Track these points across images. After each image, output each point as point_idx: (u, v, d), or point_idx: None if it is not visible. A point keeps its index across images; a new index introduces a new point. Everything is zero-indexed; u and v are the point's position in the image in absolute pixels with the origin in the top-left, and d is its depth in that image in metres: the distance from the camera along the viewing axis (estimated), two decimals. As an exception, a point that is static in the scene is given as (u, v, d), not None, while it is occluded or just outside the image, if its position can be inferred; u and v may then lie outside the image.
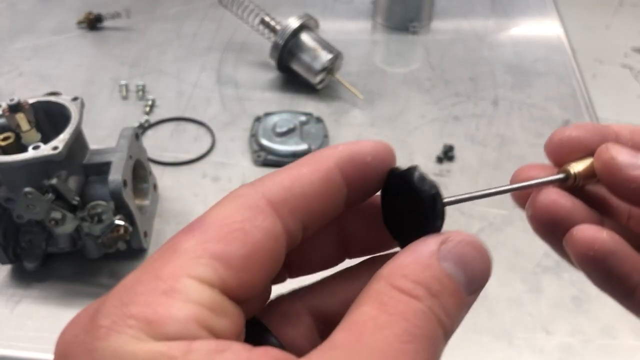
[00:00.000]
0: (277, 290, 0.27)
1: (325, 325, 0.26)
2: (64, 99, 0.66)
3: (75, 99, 0.66)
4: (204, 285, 0.19)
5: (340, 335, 0.19)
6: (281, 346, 0.24)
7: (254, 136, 0.88)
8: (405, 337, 0.19)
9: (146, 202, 0.74)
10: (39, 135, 0.64)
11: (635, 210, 0.29)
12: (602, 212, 0.29)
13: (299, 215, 0.22)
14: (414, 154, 0.86)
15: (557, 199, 0.27)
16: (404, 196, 0.24)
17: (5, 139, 0.63)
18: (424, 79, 1.02)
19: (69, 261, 0.70)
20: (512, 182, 0.28)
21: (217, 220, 0.21)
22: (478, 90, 0.99)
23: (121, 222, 0.64)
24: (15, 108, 0.62)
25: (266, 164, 0.84)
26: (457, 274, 0.21)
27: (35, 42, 1.12)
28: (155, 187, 0.78)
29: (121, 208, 0.64)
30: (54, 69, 1.04)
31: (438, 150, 0.86)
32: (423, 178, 0.23)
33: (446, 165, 0.84)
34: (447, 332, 0.20)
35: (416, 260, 0.21)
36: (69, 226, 0.62)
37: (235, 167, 0.84)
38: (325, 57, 0.93)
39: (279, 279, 0.26)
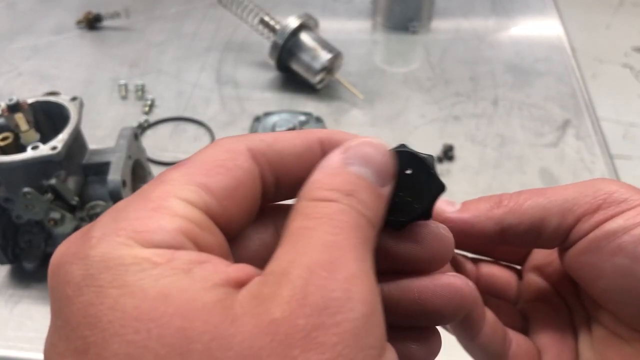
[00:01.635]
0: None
1: None
2: (63, 99, 0.66)
3: (74, 98, 0.66)
4: (190, 205, 0.21)
5: (279, 249, 0.20)
6: None
7: (253, 136, 0.87)
8: (334, 231, 0.20)
9: (145, 202, 0.74)
10: (37, 135, 0.64)
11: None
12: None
13: (275, 169, 0.24)
14: (414, 153, 0.86)
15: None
16: (403, 172, 0.26)
17: (4, 139, 0.63)
18: (424, 79, 1.02)
19: (68, 261, 0.70)
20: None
21: (201, 158, 0.23)
22: (478, 90, 0.99)
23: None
24: (14, 108, 0.62)
25: (266, 164, 0.84)
26: (364, 171, 0.23)
27: (34, 42, 1.11)
28: (154, 187, 0.78)
29: (120, 208, 0.64)
30: (53, 68, 1.04)
31: (438, 150, 0.86)
32: (415, 152, 0.26)
33: (446, 165, 0.84)
34: (371, 222, 0.22)
35: (325, 173, 0.23)
36: (68, 226, 0.62)
37: (235, 167, 0.84)
38: (325, 56, 0.93)
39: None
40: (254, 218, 0.25)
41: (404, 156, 0.25)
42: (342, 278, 0.19)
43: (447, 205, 0.31)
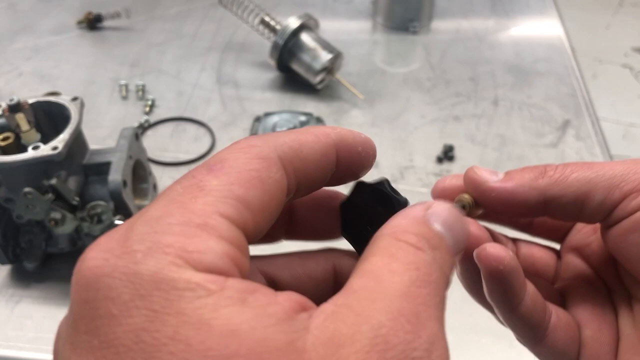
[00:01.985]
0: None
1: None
2: (63, 99, 0.66)
3: (75, 99, 0.66)
4: (233, 224, 0.20)
5: (358, 281, 0.20)
6: None
7: (254, 136, 0.87)
8: (419, 283, 0.20)
9: (146, 203, 0.74)
10: (38, 135, 0.64)
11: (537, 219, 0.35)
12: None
13: (299, 176, 0.24)
14: (414, 153, 0.86)
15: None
16: (373, 206, 0.27)
17: (4, 139, 0.63)
18: (424, 79, 1.02)
19: (69, 261, 0.70)
20: (433, 192, 0.33)
21: (236, 165, 0.21)
22: (478, 90, 0.99)
23: (121, 222, 0.63)
24: (15, 108, 0.62)
25: (266, 164, 0.84)
26: (446, 233, 0.23)
27: (35, 42, 1.12)
28: (155, 187, 0.78)
29: (121, 208, 0.64)
30: (53, 68, 1.04)
31: (438, 150, 0.86)
32: (394, 189, 0.27)
33: (446, 165, 0.84)
34: (448, 282, 0.22)
35: (410, 219, 0.23)
36: (68, 226, 0.62)
37: (235, 167, 0.84)
38: (325, 57, 0.93)
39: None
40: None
41: (361, 188, 0.27)
42: (426, 337, 0.18)
43: (489, 174, 0.31)
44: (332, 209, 0.28)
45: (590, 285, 0.33)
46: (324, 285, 0.28)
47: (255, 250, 0.24)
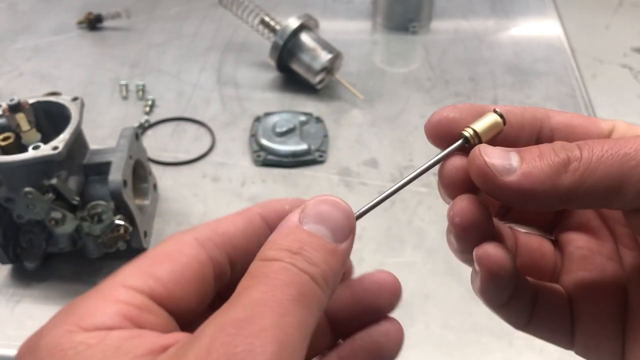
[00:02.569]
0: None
1: None
2: (64, 99, 0.66)
3: (75, 99, 0.66)
4: (134, 291, 0.24)
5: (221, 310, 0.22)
6: None
7: (253, 136, 0.88)
8: (264, 289, 0.22)
9: (146, 202, 0.74)
10: (39, 135, 0.64)
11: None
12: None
13: (224, 249, 0.27)
14: (414, 154, 0.86)
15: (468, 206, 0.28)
16: None
17: (5, 139, 0.63)
18: (424, 79, 1.02)
19: (69, 261, 0.70)
20: (429, 121, 0.30)
21: (150, 253, 0.26)
22: (478, 90, 0.99)
23: (121, 222, 0.64)
24: (15, 108, 0.62)
25: (266, 164, 0.84)
26: (319, 229, 0.24)
27: (35, 42, 1.12)
28: (155, 187, 0.78)
29: (121, 208, 0.64)
30: (54, 69, 1.04)
31: (438, 150, 0.86)
32: None
33: (446, 165, 0.84)
34: (316, 278, 0.23)
35: (279, 233, 0.24)
36: (69, 226, 0.63)
37: (235, 167, 0.84)
38: (325, 57, 0.93)
39: None
40: (209, 300, 0.27)
41: None
42: (248, 333, 0.20)
43: (502, 161, 0.26)
44: None
45: (595, 266, 0.31)
46: None
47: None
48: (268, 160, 0.84)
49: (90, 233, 0.64)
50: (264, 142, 0.85)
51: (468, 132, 0.29)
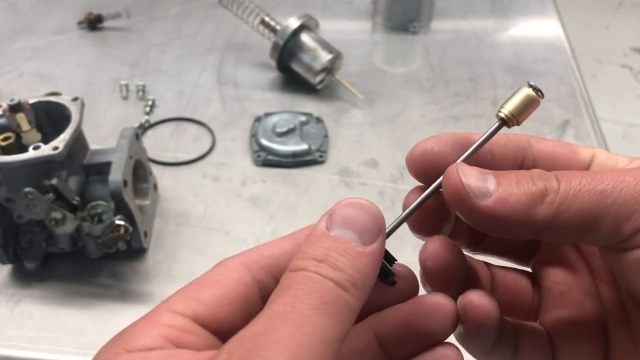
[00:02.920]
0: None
1: None
2: (64, 99, 0.66)
3: (75, 99, 0.66)
4: (177, 315, 0.25)
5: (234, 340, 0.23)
6: None
7: (254, 136, 0.88)
8: (285, 300, 0.22)
9: (146, 202, 0.74)
10: (39, 135, 0.64)
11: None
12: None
13: (269, 270, 0.27)
14: (414, 154, 0.86)
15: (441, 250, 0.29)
16: None
17: (5, 139, 0.63)
18: (423, 79, 1.02)
19: (69, 261, 0.70)
20: (411, 154, 0.29)
21: (198, 279, 0.27)
22: (478, 91, 0.99)
23: (121, 222, 0.64)
24: (15, 108, 0.62)
25: (266, 164, 0.84)
26: (346, 233, 0.24)
27: (35, 42, 1.12)
28: (155, 187, 0.78)
29: (121, 208, 0.64)
30: (54, 69, 1.04)
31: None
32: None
33: (446, 165, 0.84)
34: (343, 283, 0.23)
35: (307, 242, 0.24)
36: (69, 226, 0.63)
37: (235, 167, 0.84)
38: (325, 57, 0.93)
39: None
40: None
41: None
42: (262, 346, 0.20)
43: (479, 184, 0.26)
44: None
45: (573, 303, 0.31)
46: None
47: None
48: (268, 160, 0.84)
49: (90, 233, 0.64)
50: (264, 142, 0.86)
51: (503, 113, 0.28)
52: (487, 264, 0.33)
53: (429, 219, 0.30)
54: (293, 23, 0.94)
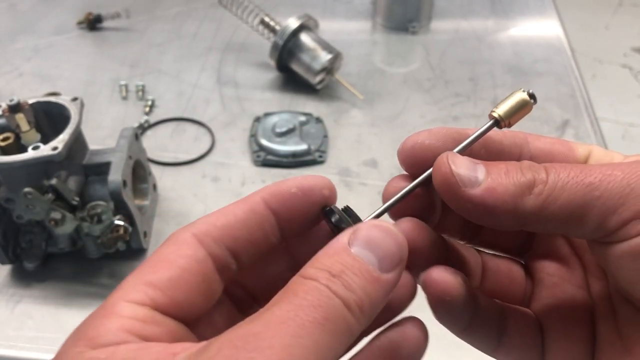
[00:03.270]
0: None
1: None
2: (63, 99, 0.66)
3: (75, 99, 0.66)
4: (136, 304, 0.24)
5: (248, 320, 0.22)
6: None
7: (253, 136, 0.88)
8: (288, 307, 0.21)
9: (146, 202, 0.74)
10: (38, 136, 0.64)
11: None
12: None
13: (224, 242, 0.26)
14: (414, 154, 0.86)
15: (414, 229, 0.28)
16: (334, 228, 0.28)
17: (5, 139, 0.63)
18: (423, 79, 1.02)
19: (69, 261, 0.70)
20: (402, 147, 0.29)
21: (151, 259, 0.26)
22: (477, 90, 0.99)
23: (121, 222, 0.64)
24: (15, 108, 0.62)
25: (266, 164, 0.84)
26: (366, 255, 0.23)
27: (35, 42, 1.12)
28: (154, 187, 0.78)
29: (121, 208, 0.64)
30: (53, 69, 1.04)
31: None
32: (339, 219, 0.27)
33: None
34: (350, 304, 0.22)
35: (325, 252, 0.24)
36: (68, 226, 0.63)
37: (235, 167, 0.84)
38: (324, 57, 0.93)
39: (251, 310, 0.29)
40: (219, 294, 0.27)
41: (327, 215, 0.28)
42: (253, 348, 0.20)
43: (469, 172, 0.26)
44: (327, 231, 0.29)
45: (564, 294, 0.31)
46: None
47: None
48: (268, 160, 0.84)
49: (90, 233, 0.64)
50: (264, 142, 0.86)
51: (497, 113, 0.29)
52: (480, 251, 0.33)
53: (413, 210, 0.29)
54: (293, 23, 0.94)
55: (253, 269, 0.29)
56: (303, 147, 0.85)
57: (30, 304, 0.67)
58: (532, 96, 0.29)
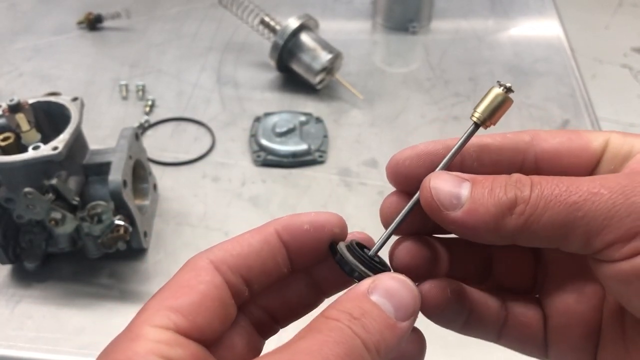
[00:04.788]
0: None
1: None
2: (64, 99, 0.66)
3: (75, 99, 0.66)
4: (160, 329, 0.25)
5: (272, 351, 0.24)
6: None
7: (253, 136, 0.88)
8: (312, 342, 0.23)
9: (146, 202, 0.74)
10: (39, 136, 0.64)
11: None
12: None
13: (239, 270, 0.28)
14: (414, 154, 0.86)
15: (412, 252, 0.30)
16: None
17: (5, 139, 0.63)
18: (423, 79, 1.02)
19: (69, 261, 0.70)
20: (388, 164, 0.31)
21: (171, 284, 0.27)
22: (478, 91, 0.99)
23: (121, 222, 0.64)
24: (15, 108, 0.62)
25: (266, 164, 0.84)
26: (384, 303, 0.25)
27: (35, 42, 1.12)
28: (155, 187, 0.78)
29: (121, 208, 0.64)
30: (54, 69, 1.04)
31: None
32: (341, 258, 0.28)
33: (446, 165, 0.84)
34: (369, 346, 0.24)
35: (348, 296, 0.26)
36: (69, 226, 0.63)
37: (235, 167, 0.84)
38: (325, 57, 0.93)
39: (270, 331, 0.32)
40: (233, 318, 0.28)
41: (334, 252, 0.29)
42: None
43: (450, 198, 0.26)
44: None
45: (573, 285, 0.30)
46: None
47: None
48: (268, 160, 0.84)
49: (90, 233, 0.64)
50: (264, 142, 0.85)
51: (475, 116, 0.29)
52: (488, 247, 0.33)
53: (417, 223, 0.31)
54: (293, 23, 0.94)
55: (271, 290, 0.31)
56: (303, 147, 0.85)
57: (30, 304, 0.67)
58: (507, 89, 0.29)
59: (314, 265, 0.31)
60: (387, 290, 0.26)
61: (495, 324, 0.31)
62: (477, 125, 0.29)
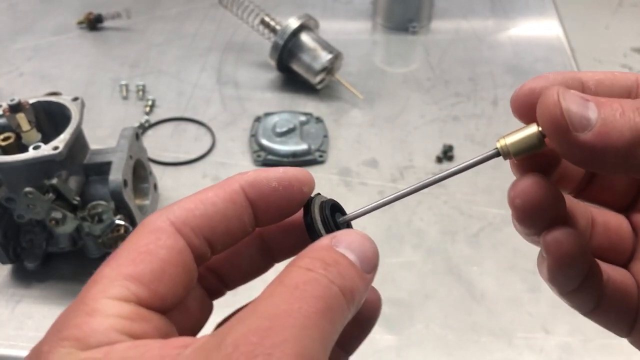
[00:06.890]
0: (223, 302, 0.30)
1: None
2: (64, 99, 0.66)
3: (75, 99, 0.66)
4: (120, 301, 0.23)
5: (239, 312, 0.23)
6: None
7: (254, 136, 0.88)
8: (290, 300, 0.22)
9: (146, 202, 0.74)
10: (39, 135, 0.64)
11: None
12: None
13: (202, 232, 0.26)
14: (414, 153, 0.86)
15: (528, 190, 0.26)
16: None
17: (5, 139, 0.63)
18: (423, 79, 1.02)
19: (70, 261, 0.70)
20: (517, 93, 0.27)
21: (127, 248, 0.25)
22: (478, 90, 0.99)
23: (121, 222, 0.64)
24: (15, 108, 0.62)
25: (266, 163, 0.84)
26: (350, 254, 0.24)
27: (35, 42, 1.12)
28: (155, 187, 0.78)
29: (121, 208, 0.64)
30: (54, 69, 1.04)
31: (438, 150, 0.86)
32: (310, 225, 0.28)
33: (446, 165, 0.84)
34: (345, 292, 0.23)
35: (314, 249, 0.24)
36: (69, 226, 0.63)
37: (236, 167, 0.84)
38: (325, 57, 0.93)
39: (218, 294, 0.30)
40: (195, 283, 0.26)
41: (307, 209, 0.28)
42: (270, 344, 0.20)
43: (581, 109, 0.23)
44: (300, 228, 0.29)
45: None
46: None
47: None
48: (268, 160, 0.84)
49: (90, 233, 0.64)
50: (264, 142, 0.86)
51: (501, 144, 0.27)
52: (587, 205, 0.31)
53: (536, 164, 0.27)
54: (293, 23, 0.94)
55: (224, 253, 0.29)
56: (303, 147, 0.85)
57: (30, 303, 0.67)
58: (543, 135, 0.25)
59: (270, 228, 0.30)
60: (349, 243, 0.25)
61: (597, 292, 0.28)
62: (498, 154, 0.28)
